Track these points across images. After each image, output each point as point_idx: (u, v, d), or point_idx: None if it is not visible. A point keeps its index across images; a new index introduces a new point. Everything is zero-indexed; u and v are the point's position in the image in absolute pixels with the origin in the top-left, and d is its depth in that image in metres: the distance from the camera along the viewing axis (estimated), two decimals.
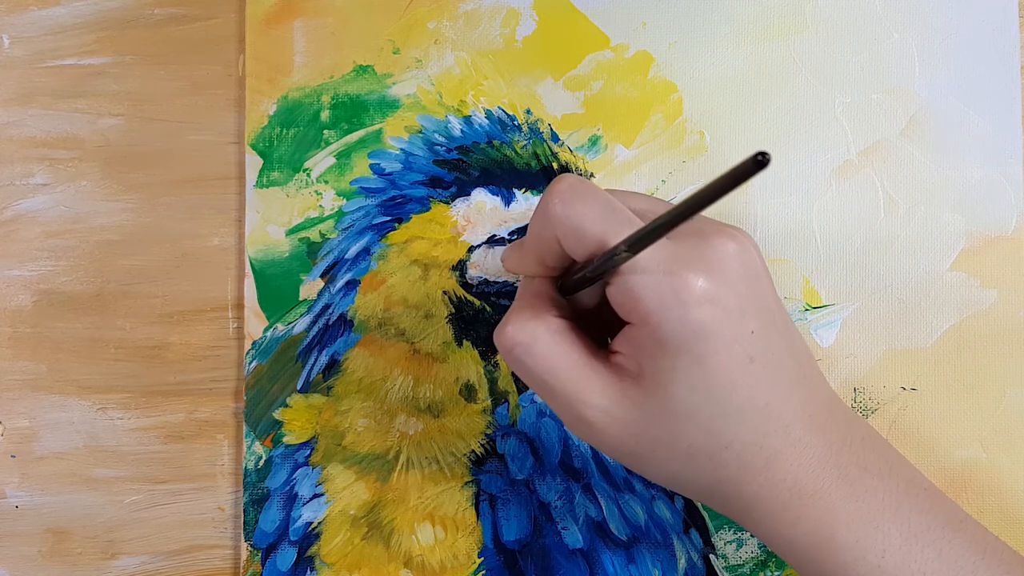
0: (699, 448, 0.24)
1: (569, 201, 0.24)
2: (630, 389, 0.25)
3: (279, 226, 0.38)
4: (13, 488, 0.40)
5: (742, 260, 0.24)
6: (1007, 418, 0.33)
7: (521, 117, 0.37)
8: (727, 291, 0.23)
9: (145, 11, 0.41)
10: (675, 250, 0.24)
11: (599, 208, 0.24)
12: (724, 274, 0.23)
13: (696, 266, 0.23)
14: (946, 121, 0.35)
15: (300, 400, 0.37)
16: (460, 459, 0.36)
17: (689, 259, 0.23)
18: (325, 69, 0.39)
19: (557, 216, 0.24)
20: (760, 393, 0.24)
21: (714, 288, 0.23)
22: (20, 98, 0.41)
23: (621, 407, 0.25)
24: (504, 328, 0.25)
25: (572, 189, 0.24)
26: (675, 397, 0.24)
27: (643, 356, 0.24)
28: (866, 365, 0.34)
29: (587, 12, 0.37)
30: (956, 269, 0.34)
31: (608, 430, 0.25)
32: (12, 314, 0.41)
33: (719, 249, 0.24)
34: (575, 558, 0.35)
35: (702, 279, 0.23)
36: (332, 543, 0.36)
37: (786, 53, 0.36)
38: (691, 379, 0.23)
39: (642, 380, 0.24)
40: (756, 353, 0.24)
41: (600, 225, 0.24)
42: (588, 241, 0.24)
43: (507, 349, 0.25)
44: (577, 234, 0.24)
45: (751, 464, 0.24)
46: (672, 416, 0.24)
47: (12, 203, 0.41)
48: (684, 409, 0.24)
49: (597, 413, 0.25)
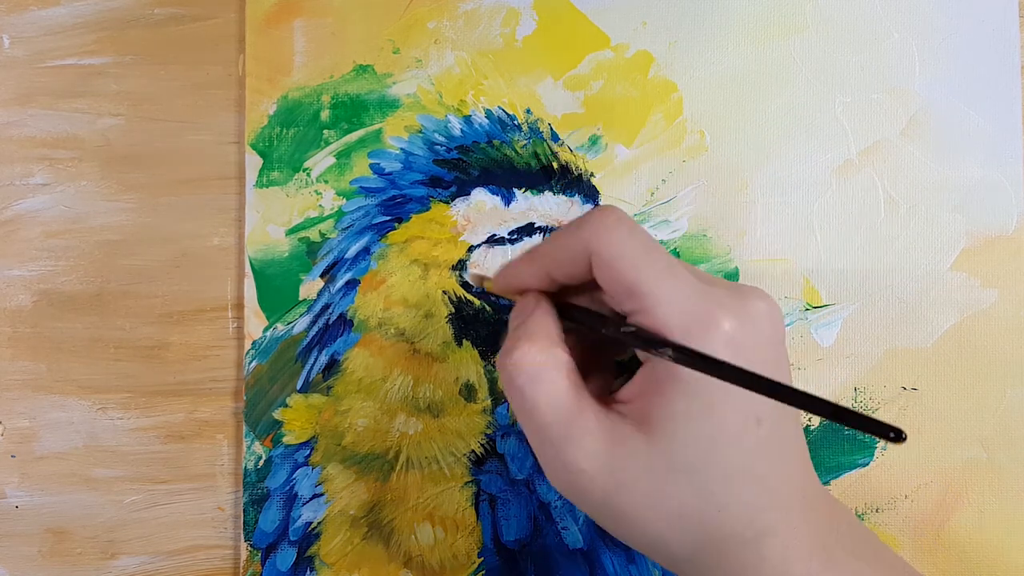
0: (690, 508, 0.23)
1: (613, 227, 0.24)
2: (630, 436, 0.24)
3: (279, 226, 0.38)
4: (13, 488, 0.40)
5: (771, 320, 0.24)
6: (1007, 418, 0.33)
7: (521, 117, 0.37)
8: (752, 343, 0.23)
9: (145, 11, 0.41)
10: (709, 291, 0.23)
11: (640, 241, 0.24)
12: (753, 327, 0.23)
13: (728, 310, 0.23)
14: (946, 121, 0.35)
15: (300, 400, 0.37)
16: (460, 459, 0.36)
17: (723, 303, 0.23)
18: (325, 69, 0.39)
19: (599, 239, 0.24)
20: (762, 460, 0.23)
21: (741, 336, 0.23)
22: (20, 98, 0.41)
23: (615, 455, 0.24)
24: (511, 354, 0.25)
25: (618, 219, 0.24)
26: (677, 447, 0.23)
27: (654, 396, 0.23)
28: (866, 365, 0.34)
29: (587, 12, 0.37)
30: (956, 269, 0.34)
31: (597, 478, 0.24)
32: (12, 314, 0.41)
33: (752, 304, 0.24)
34: (575, 558, 0.35)
35: (731, 323, 0.23)
36: (332, 543, 0.36)
37: (786, 53, 0.36)
38: (697, 430, 0.23)
39: (645, 426, 0.24)
40: (765, 417, 0.23)
41: (637, 258, 0.24)
42: (624, 269, 0.24)
43: (511, 376, 0.25)
44: (614, 260, 0.24)
45: (741, 535, 0.23)
46: (669, 468, 0.23)
47: (12, 203, 0.41)
48: (683, 461, 0.23)
49: (589, 458, 0.24)
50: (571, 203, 0.36)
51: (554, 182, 0.36)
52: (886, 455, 0.34)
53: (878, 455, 0.34)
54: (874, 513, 0.34)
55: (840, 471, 0.34)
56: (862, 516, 0.34)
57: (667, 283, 0.23)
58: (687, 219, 0.36)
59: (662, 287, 0.23)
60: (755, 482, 0.23)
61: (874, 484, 0.34)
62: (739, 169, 0.36)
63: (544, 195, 0.36)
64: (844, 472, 0.34)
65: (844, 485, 0.34)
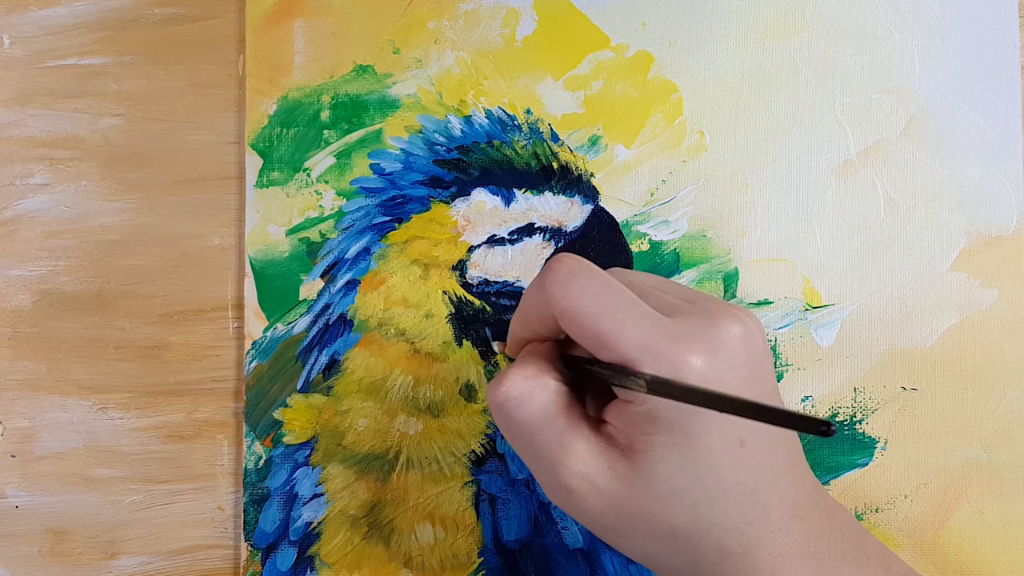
0: (680, 529, 0.24)
1: (566, 281, 0.24)
2: (617, 461, 0.24)
3: (279, 226, 0.38)
4: (13, 488, 0.40)
5: (745, 343, 0.24)
6: (1007, 418, 0.33)
7: (521, 117, 0.37)
8: (726, 373, 0.23)
9: (145, 11, 0.41)
10: (678, 328, 0.23)
11: (596, 289, 0.24)
12: (725, 355, 0.23)
13: (697, 346, 0.23)
14: (946, 121, 0.35)
15: (300, 400, 0.37)
16: (460, 459, 0.36)
17: (692, 338, 0.23)
18: (325, 69, 0.39)
19: (554, 296, 0.24)
20: (748, 477, 0.24)
21: (712, 370, 0.23)
22: (20, 98, 0.41)
23: (605, 478, 0.24)
24: (500, 383, 0.25)
25: (570, 271, 0.24)
26: (662, 475, 0.23)
27: (634, 430, 0.24)
28: (866, 365, 0.34)
29: (587, 12, 0.37)
30: (956, 269, 0.34)
31: (589, 500, 0.24)
32: (12, 314, 0.41)
33: (723, 330, 0.23)
34: (575, 558, 0.35)
35: (701, 359, 0.23)
36: (332, 543, 0.36)
37: (786, 53, 0.36)
38: (680, 458, 0.23)
39: (631, 454, 0.24)
40: (748, 437, 0.23)
41: (596, 307, 0.24)
42: (584, 322, 0.24)
43: (499, 403, 0.25)
44: (572, 314, 0.24)
45: (730, 549, 0.24)
46: (657, 494, 0.24)
47: (12, 203, 0.41)
48: (670, 488, 0.23)
49: (579, 481, 0.24)
50: (571, 203, 0.36)
51: (554, 182, 0.36)
52: (886, 455, 0.34)
53: (878, 455, 0.34)
54: (874, 513, 0.34)
55: (839, 471, 0.34)
56: (861, 516, 0.34)
57: (628, 331, 0.23)
58: (687, 219, 0.36)
59: (623, 335, 0.23)
60: (742, 498, 0.24)
61: (874, 484, 0.34)
62: (739, 169, 0.36)
63: (544, 195, 0.36)
64: (843, 472, 0.34)
65: (843, 485, 0.34)
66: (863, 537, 0.26)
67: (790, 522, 0.24)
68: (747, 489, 0.24)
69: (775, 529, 0.24)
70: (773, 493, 0.24)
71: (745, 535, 0.24)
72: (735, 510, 0.24)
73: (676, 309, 0.24)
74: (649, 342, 0.23)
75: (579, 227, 0.36)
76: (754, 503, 0.24)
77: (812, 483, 0.26)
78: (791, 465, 0.25)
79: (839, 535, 0.25)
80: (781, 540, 0.24)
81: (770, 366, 0.25)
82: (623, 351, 0.23)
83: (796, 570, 0.24)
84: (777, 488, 0.24)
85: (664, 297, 0.25)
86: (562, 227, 0.36)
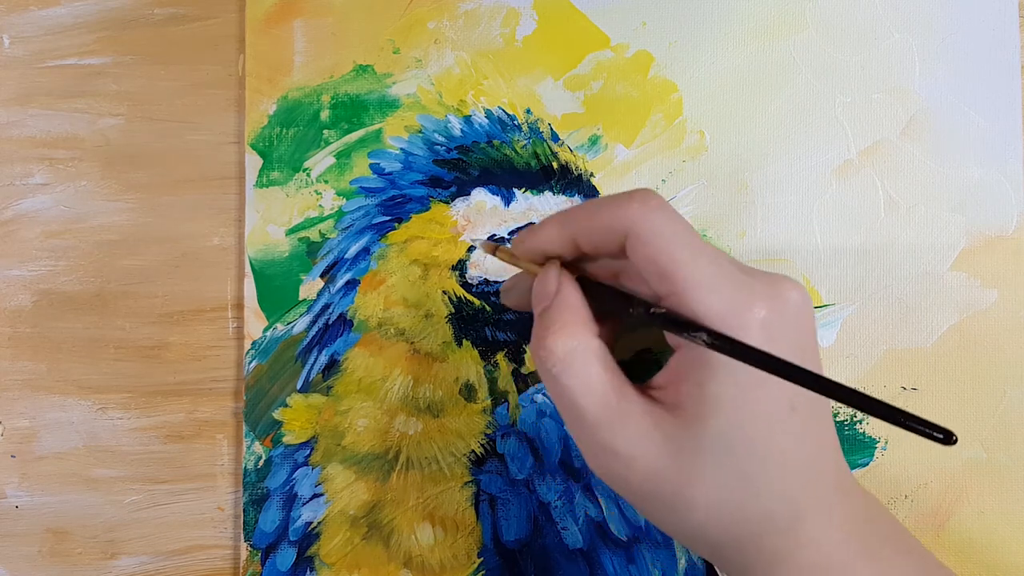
0: (727, 493, 0.23)
1: (654, 207, 0.24)
2: (665, 420, 0.24)
3: (279, 226, 0.38)
4: (13, 488, 0.40)
5: (804, 311, 0.24)
6: (1007, 418, 0.33)
7: (521, 117, 0.37)
8: (786, 331, 0.23)
9: (145, 11, 0.41)
10: (743, 279, 0.23)
11: (683, 229, 0.24)
12: (786, 315, 0.23)
13: (763, 300, 0.23)
14: (946, 121, 0.35)
15: (300, 400, 0.37)
16: (460, 459, 0.36)
17: (757, 290, 0.23)
18: (325, 69, 0.39)
19: (636, 214, 0.24)
20: (796, 447, 0.23)
21: (775, 323, 0.23)
22: (20, 98, 0.41)
23: (652, 439, 0.24)
24: (544, 340, 0.24)
25: (663, 204, 0.24)
26: (712, 431, 0.23)
27: (688, 382, 0.24)
28: (866, 365, 0.34)
29: (587, 12, 0.37)
30: (956, 269, 0.34)
31: (634, 463, 0.24)
32: (12, 314, 0.41)
33: (786, 293, 0.24)
34: (575, 558, 0.35)
35: (766, 310, 0.23)
36: (332, 543, 0.36)
37: (786, 53, 0.36)
38: (732, 413, 0.23)
39: (680, 411, 0.24)
40: (799, 405, 0.23)
41: (676, 237, 0.24)
42: (662, 245, 0.24)
43: (544, 363, 0.24)
44: (653, 236, 0.24)
45: (776, 521, 0.23)
46: (705, 453, 0.23)
47: (12, 203, 0.41)
48: (719, 446, 0.23)
49: (626, 443, 0.24)
50: (571, 203, 0.36)
51: (554, 182, 0.36)
52: (886, 455, 0.34)
53: (878, 455, 0.34)
54: None
55: None
56: None
57: (706, 269, 0.23)
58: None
59: (701, 271, 0.23)
60: (790, 468, 0.23)
61: (874, 484, 0.34)
62: (739, 169, 0.36)
63: (544, 195, 0.36)
64: None
65: None
66: (900, 526, 0.26)
67: (837, 498, 0.24)
68: (796, 461, 0.23)
69: (822, 504, 0.24)
70: (819, 467, 0.24)
71: (792, 507, 0.23)
72: (782, 479, 0.23)
73: (742, 268, 0.24)
74: (719, 283, 0.23)
75: None
76: (801, 472, 0.23)
77: (846, 466, 0.26)
78: (833, 442, 0.25)
79: (880, 520, 0.25)
80: (828, 517, 0.24)
81: (816, 340, 0.25)
82: (693, 285, 0.23)
83: (843, 550, 0.24)
84: (823, 462, 0.24)
85: (729, 258, 0.25)
86: None
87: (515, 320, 0.36)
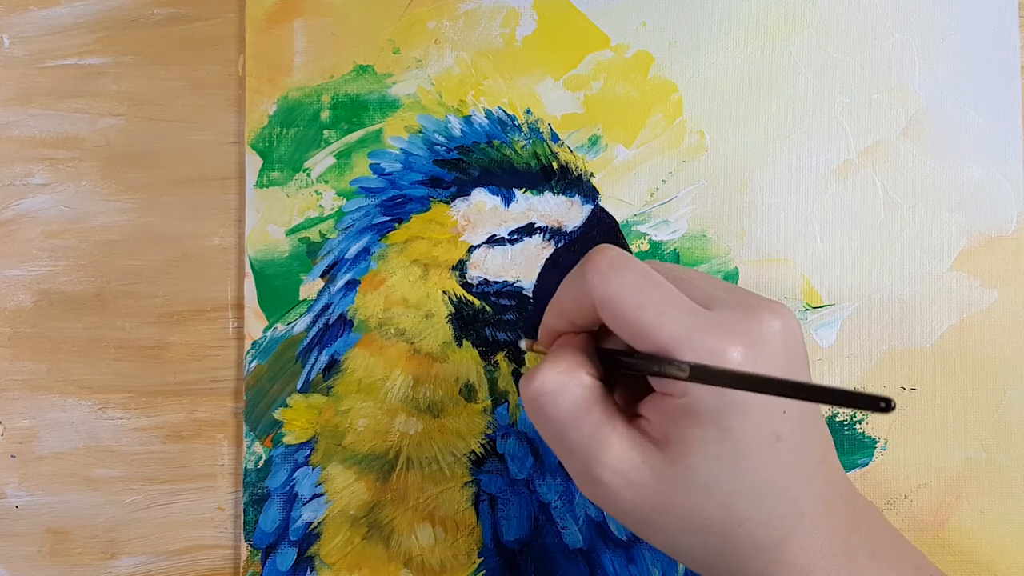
0: (713, 523, 0.24)
1: (608, 272, 0.24)
2: (651, 455, 0.24)
3: (279, 226, 0.38)
4: (13, 488, 0.40)
5: (784, 338, 0.24)
6: (1007, 418, 0.33)
7: (521, 117, 0.37)
8: (764, 365, 0.23)
9: (145, 11, 0.41)
10: (718, 320, 0.23)
11: (638, 280, 0.24)
12: (765, 349, 0.23)
13: (737, 339, 0.23)
14: (946, 121, 0.35)
15: (300, 400, 0.37)
16: (460, 459, 0.36)
17: (732, 331, 0.23)
18: (325, 69, 0.39)
19: (595, 286, 0.24)
20: (782, 474, 0.24)
21: (751, 362, 0.23)
22: (20, 98, 0.41)
23: (639, 472, 0.24)
24: (533, 377, 0.25)
25: (612, 262, 0.24)
26: (697, 468, 0.23)
27: (670, 423, 0.24)
28: (866, 365, 0.34)
29: (587, 12, 0.37)
30: (956, 269, 0.34)
31: (621, 494, 0.24)
32: (12, 314, 0.41)
33: (763, 324, 0.23)
34: (575, 558, 0.35)
35: (741, 351, 0.23)
36: (332, 543, 0.36)
37: (786, 53, 0.36)
38: (716, 452, 0.23)
39: (665, 447, 0.24)
40: (784, 433, 0.24)
41: (638, 298, 0.24)
42: (626, 313, 0.24)
43: (532, 398, 0.25)
44: (614, 305, 0.24)
45: (762, 543, 0.24)
46: (691, 487, 0.24)
47: (12, 203, 0.41)
48: (704, 482, 0.23)
49: (613, 475, 0.24)
50: (571, 203, 0.36)
51: (554, 182, 0.36)
52: (886, 455, 0.34)
53: (878, 455, 0.34)
54: None
55: None
56: None
57: (669, 323, 0.23)
58: (687, 219, 0.36)
59: (665, 327, 0.23)
60: (776, 495, 0.24)
61: (874, 484, 0.34)
62: (739, 169, 0.36)
63: (544, 195, 0.36)
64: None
65: None
66: (893, 535, 0.26)
67: (822, 518, 0.24)
68: (781, 485, 0.24)
69: (807, 525, 0.24)
70: (806, 490, 0.24)
71: (778, 530, 0.24)
72: (768, 506, 0.24)
73: (715, 301, 0.24)
74: (690, 334, 0.23)
75: (579, 227, 0.36)
76: (787, 499, 0.24)
77: (844, 480, 0.26)
78: (824, 462, 0.25)
79: (869, 531, 0.25)
80: (813, 536, 0.24)
81: (807, 363, 0.25)
82: (664, 342, 0.23)
83: (827, 565, 0.24)
84: (811, 485, 0.24)
85: (703, 289, 0.25)
86: (562, 227, 0.36)
87: (515, 320, 0.36)
